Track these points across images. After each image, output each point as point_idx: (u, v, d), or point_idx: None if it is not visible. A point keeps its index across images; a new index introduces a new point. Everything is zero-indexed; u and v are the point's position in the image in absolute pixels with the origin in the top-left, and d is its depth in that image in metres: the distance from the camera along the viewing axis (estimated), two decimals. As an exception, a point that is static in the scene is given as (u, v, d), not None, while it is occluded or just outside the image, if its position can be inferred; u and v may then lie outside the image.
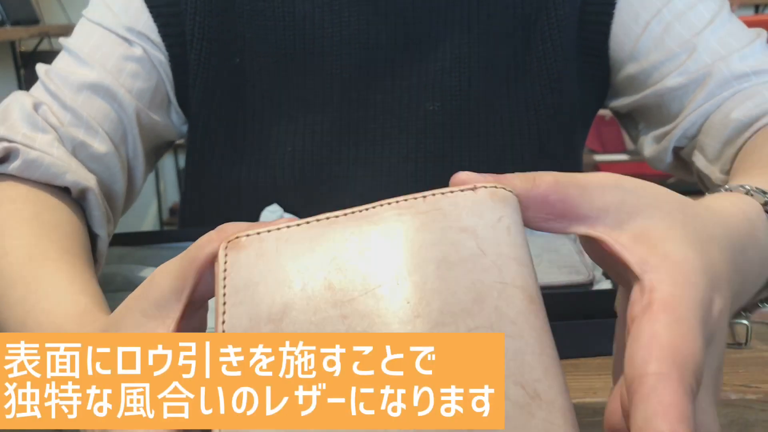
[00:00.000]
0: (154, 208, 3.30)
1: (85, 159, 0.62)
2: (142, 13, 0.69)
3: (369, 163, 0.73)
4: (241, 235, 0.32)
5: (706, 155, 0.64)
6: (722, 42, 0.66)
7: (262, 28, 0.71)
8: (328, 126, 0.72)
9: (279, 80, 0.72)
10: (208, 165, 0.75)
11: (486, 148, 0.73)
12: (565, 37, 0.72)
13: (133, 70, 0.68)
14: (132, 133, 0.67)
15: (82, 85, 0.64)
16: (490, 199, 0.33)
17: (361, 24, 0.71)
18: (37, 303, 0.45)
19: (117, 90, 0.66)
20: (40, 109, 0.61)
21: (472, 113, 0.72)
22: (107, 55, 0.67)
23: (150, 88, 0.69)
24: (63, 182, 0.57)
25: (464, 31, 0.71)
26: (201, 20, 0.70)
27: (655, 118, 0.71)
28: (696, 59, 0.66)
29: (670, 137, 0.68)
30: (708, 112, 0.65)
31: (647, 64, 0.69)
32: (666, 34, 0.67)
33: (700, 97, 0.65)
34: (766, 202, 0.39)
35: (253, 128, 0.73)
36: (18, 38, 2.57)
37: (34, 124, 0.59)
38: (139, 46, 0.68)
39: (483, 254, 0.30)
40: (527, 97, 0.73)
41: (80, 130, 0.62)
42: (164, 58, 0.70)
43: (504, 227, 0.31)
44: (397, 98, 0.72)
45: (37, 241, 0.51)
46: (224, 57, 0.72)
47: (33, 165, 0.56)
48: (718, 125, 0.63)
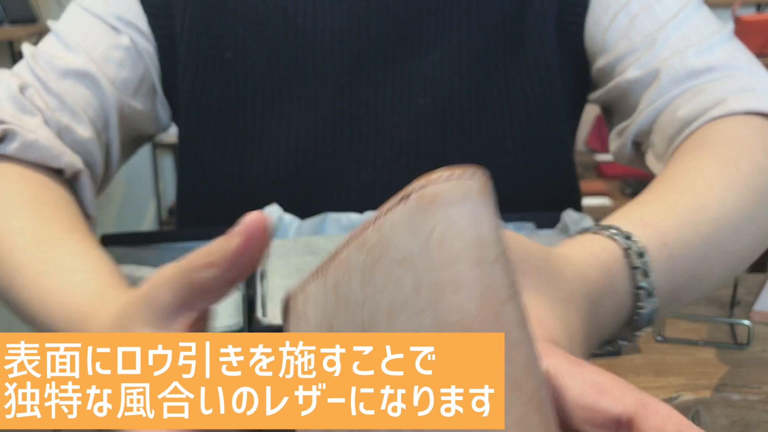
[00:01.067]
0: (152, 208, 3.30)
1: (70, 143, 0.63)
2: (132, 2, 0.70)
3: (362, 158, 0.73)
4: None
5: (655, 153, 0.64)
6: (683, 36, 0.65)
7: (254, 23, 0.71)
8: (321, 122, 0.73)
9: (271, 75, 0.72)
10: (199, 160, 0.75)
11: (478, 141, 0.73)
12: (549, 28, 0.72)
13: (119, 58, 0.68)
14: (112, 122, 0.68)
15: (67, 71, 0.65)
16: (418, 208, 0.26)
17: (352, 19, 0.71)
18: (54, 284, 0.46)
19: (101, 78, 0.66)
20: (26, 91, 0.62)
21: (464, 106, 0.73)
22: (94, 42, 0.68)
23: (135, 77, 0.70)
24: (59, 164, 0.59)
25: (454, 25, 0.72)
26: (192, 14, 0.71)
27: (619, 110, 0.71)
28: (655, 53, 0.65)
29: (628, 132, 0.68)
30: (659, 109, 0.64)
31: (612, 57, 0.69)
32: (631, 26, 0.67)
33: (653, 92, 0.65)
34: (627, 247, 0.41)
35: (245, 123, 0.73)
36: (16, 37, 2.56)
37: (21, 107, 0.61)
38: (127, 36, 0.69)
39: (417, 293, 0.25)
40: (517, 89, 0.73)
41: (65, 115, 0.63)
42: (152, 49, 0.70)
43: (435, 243, 0.25)
44: (390, 93, 0.72)
45: (43, 221, 0.52)
46: (215, 51, 0.72)
47: (31, 147, 0.57)
48: (665, 123, 0.63)
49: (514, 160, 0.74)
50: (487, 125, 0.73)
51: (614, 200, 2.23)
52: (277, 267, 0.62)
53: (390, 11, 0.71)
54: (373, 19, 0.71)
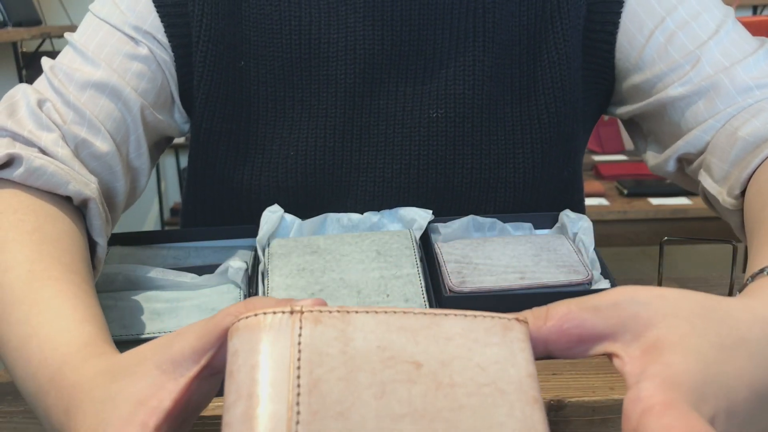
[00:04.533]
0: (155, 208, 3.30)
1: (87, 157, 0.62)
2: (149, 12, 0.69)
3: (372, 169, 0.73)
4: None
5: (713, 175, 0.64)
6: (725, 52, 0.65)
7: (268, 32, 0.71)
8: (332, 131, 0.73)
9: (283, 84, 0.72)
10: (210, 166, 0.75)
11: (488, 156, 0.73)
12: (571, 46, 0.72)
13: (138, 69, 0.68)
14: (136, 132, 0.67)
15: (86, 83, 0.65)
16: None
17: (366, 30, 0.71)
18: (40, 327, 0.44)
19: (123, 89, 0.66)
20: (44, 106, 0.61)
21: (476, 121, 0.72)
22: (113, 53, 0.67)
23: (155, 87, 0.69)
24: (65, 192, 0.57)
25: (470, 39, 0.71)
26: (208, 23, 0.71)
27: (657, 125, 0.71)
28: (699, 70, 0.65)
29: (675, 148, 0.68)
30: (713, 128, 0.64)
31: (651, 74, 0.69)
32: (670, 44, 0.67)
33: (703, 110, 0.64)
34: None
35: (256, 131, 0.73)
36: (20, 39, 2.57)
37: (39, 122, 0.60)
38: (145, 46, 0.68)
39: None
40: (531, 106, 0.73)
41: (83, 128, 0.62)
42: (169, 59, 0.70)
43: None
44: (401, 105, 0.72)
45: (39, 256, 0.50)
46: (229, 60, 0.72)
47: (36, 173, 0.56)
48: (723, 144, 0.62)
49: (523, 176, 0.74)
50: (498, 141, 0.73)
51: (611, 201, 2.24)
52: (278, 266, 0.62)
53: (405, 22, 0.71)
54: (387, 30, 0.71)
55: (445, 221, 0.69)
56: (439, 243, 0.66)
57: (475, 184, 0.73)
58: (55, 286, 0.47)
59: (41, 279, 0.48)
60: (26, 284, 0.48)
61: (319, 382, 0.30)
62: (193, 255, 0.69)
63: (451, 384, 0.31)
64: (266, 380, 0.30)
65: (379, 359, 0.31)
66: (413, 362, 0.32)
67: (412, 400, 0.31)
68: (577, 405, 0.49)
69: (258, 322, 0.32)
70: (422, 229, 0.67)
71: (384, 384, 0.31)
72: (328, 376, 0.31)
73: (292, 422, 0.29)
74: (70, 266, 0.51)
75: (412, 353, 0.32)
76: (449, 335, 0.33)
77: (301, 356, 0.31)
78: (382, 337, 0.32)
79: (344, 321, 0.32)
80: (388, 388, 0.31)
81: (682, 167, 0.70)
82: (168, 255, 0.69)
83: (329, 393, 0.30)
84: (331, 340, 0.32)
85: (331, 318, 0.32)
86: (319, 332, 0.32)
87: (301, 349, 0.31)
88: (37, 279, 0.48)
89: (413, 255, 0.63)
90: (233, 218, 0.76)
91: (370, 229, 0.69)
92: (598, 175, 2.54)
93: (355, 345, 0.32)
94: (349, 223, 0.69)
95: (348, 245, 0.64)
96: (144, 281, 0.62)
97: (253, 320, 0.32)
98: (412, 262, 0.63)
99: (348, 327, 0.32)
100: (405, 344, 0.32)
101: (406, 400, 0.31)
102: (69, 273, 0.50)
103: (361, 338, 0.32)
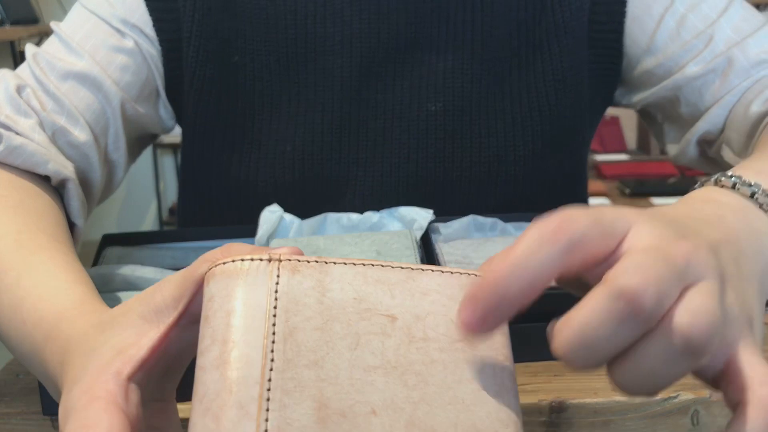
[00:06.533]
0: (153, 208, 3.30)
1: (64, 145, 0.62)
2: (138, 5, 0.69)
3: (369, 163, 0.73)
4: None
5: (733, 148, 0.65)
6: (736, 28, 0.67)
7: (263, 26, 0.71)
8: (329, 126, 0.72)
9: (279, 78, 0.72)
10: (206, 163, 0.75)
11: (487, 149, 0.73)
12: (572, 36, 0.72)
13: (122, 62, 0.68)
14: (115, 125, 0.67)
15: (68, 73, 0.65)
16: None
17: (363, 23, 0.70)
18: (33, 289, 0.45)
19: (104, 81, 0.66)
20: (23, 92, 0.62)
21: (474, 114, 0.72)
22: (98, 45, 0.67)
23: (139, 81, 0.69)
24: (45, 171, 0.57)
25: (467, 31, 0.71)
26: (200, 18, 0.70)
27: (673, 109, 0.71)
28: (713, 48, 0.67)
29: (694, 130, 0.68)
30: (730, 103, 0.66)
31: (664, 57, 0.70)
32: (681, 26, 0.69)
33: (719, 87, 0.66)
34: (753, 193, 0.39)
35: (252, 126, 0.73)
36: (17, 38, 2.57)
37: (17, 107, 0.60)
38: (131, 39, 0.68)
39: None
40: (530, 99, 0.73)
41: (62, 117, 0.63)
42: (156, 53, 0.70)
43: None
44: (399, 98, 0.72)
45: (24, 227, 0.51)
46: (223, 55, 0.71)
47: (16, 151, 0.56)
48: (740, 118, 0.64)
49: (524, 170, 0.74)
50: (497, 134, 0.73)
51: (614, 201, 2.24)
52: (278, 267, 0.62)
53: (401, 15, 0.70)
54: (384, 23, 0.70)
55: (446, 221, 0.69)
56: (439, 243, 0.65)
57: (474, 177, 0.73)
58: (43, 253, 0.48)
59: (28, 247, 0.48)
60: (14, 252, 0.48)
61: (295, 330, 0.30)
62: (192, 255, 0.69)
63: (425, 338, 0.32)
64: (241, 326, 0.30)
65: (355, 310, 0.32)
66: (389, 315, 0.32)
67: (385, 353, 0.31)
68: (578, 406, 0.49)
69: (235, 268, 0.31)
70: (423, 229, 0.67)
71: (359, 335, 0.31)
72: (303, 325, 0.31)
73: (266, 368, 0.29)
74: (55, 236, 0.51)
75: (387, 306, 0.32)
76: (425, 290, 0.33)
77: (278, 304, 0.31)
78: (359, 288, 0.33)
79: (322, 271, 0.32)
80: (363, 340, 0.31)
81: (705, 152, 0.71)
82: (166, 255, 0.69)
83: (304, 342, 0.30)
84: (308, 289, 0.32)
85: (309, 267, 0.32)
86: (296, 281, 0.32)
87: (277, 297, 0.31)
88: (25, 247, 0.48)
89: (413, 255, 0.63)
90: (230, 214, 0.76)
91: (370, 229, 0.69)
92: (600, 175, 2.54)
93: (332, 296, 0.32)
94: (349, 223, 0.69)
95: (348, 245, 0.64)
96: (142, 282, 0.62)
97: (230, 266, 0.32)
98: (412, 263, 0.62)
99: (326, 277, 0.32)
100: (381, 297, 0.33)
101: (379, 352, 0.31)
102: (55, 242, 0.50)
103: (338, 289, 0.32)
